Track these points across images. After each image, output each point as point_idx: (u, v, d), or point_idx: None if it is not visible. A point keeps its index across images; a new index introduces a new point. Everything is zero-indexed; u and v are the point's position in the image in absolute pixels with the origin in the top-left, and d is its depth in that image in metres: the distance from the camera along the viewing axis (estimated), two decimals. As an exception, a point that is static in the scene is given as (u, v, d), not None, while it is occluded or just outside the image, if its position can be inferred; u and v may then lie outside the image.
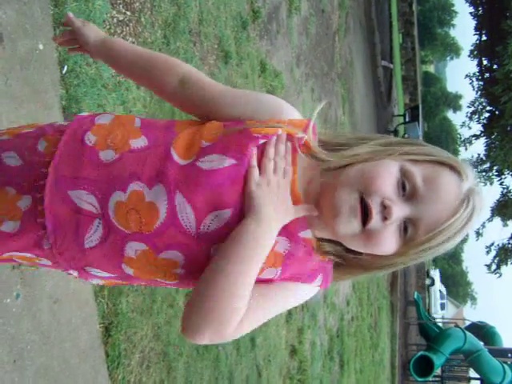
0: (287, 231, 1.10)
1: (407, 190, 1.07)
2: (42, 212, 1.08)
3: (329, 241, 1.16)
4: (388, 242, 1.07)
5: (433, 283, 36.20)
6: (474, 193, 1.08)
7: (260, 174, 1.06)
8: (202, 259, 1.07)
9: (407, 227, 1.07)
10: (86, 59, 2.81)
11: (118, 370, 2.90)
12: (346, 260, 1.17)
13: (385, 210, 1.04)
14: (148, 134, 1.14)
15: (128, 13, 3.28)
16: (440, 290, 37.77)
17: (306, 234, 1.12)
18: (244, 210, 1.06)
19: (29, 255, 1.15)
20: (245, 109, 1.15)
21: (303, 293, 1.18)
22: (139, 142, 1.11)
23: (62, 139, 1.13)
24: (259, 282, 1.09)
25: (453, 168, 1.09)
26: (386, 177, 1.06)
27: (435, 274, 39.03)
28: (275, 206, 1.06)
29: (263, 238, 1.04)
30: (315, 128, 1.16)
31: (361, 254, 1.15)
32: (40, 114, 2.51)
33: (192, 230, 1.05)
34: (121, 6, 3.23)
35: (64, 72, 2.68)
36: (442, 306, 37.76)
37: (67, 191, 1.08)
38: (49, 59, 2.63)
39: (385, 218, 1.04)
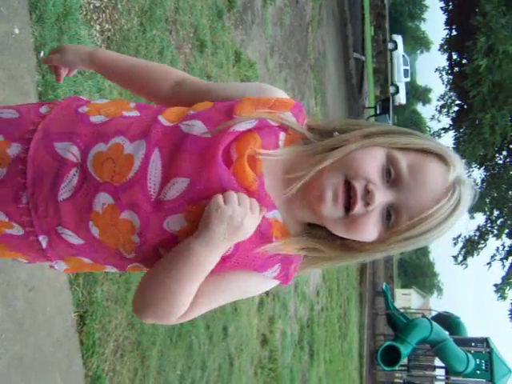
0: None
1: (392, 176, 1.07)
2: (25, 160, 1.10)
3: (311, 225, 1.16)
4: (370, 229, 1.07)
5: (395, 47, 32.80)
6: (460, 183, 1.08)
7: (225, 202, 1.03)
8: (154, 234, 1.08)
9: (390, 214, 1.07)
10: (63, 45, 2.78)
11: (92, 359, 2.89)
12: (324, 245, 1.15)
13: (367, 195, 1.04)
14: (141, 110, 1.18)
15: (105, -1, 3.24)
16: (403, 55, 34.35)
17: (273, 214, 1.11)
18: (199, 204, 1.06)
19: (3, 217, 1.13)
20: (235, 94, 1.19)
21: (258, 281, 1.16)
22: (131, 113, 1.16)
23: (57, 106, 1.20)
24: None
25: (440, 157, 1.08)
26: (372, 161, 1.07)
27: (398, 38, 34.57)
28: (229, 234, 1.04)
29: (206, 260, 1.05)
30: (303, 109, 1.18)
31: (342, 239, 1.14)
32: (16, 100, 2.48)
33: (153, 193, 1.06)
34: (97, -9, 3.19)
35: (40, 57, 2.64)
36: (406, 73, 34.39)
37: (53, 143, 1.11)
38: (25, 44, 2.59)
39: (367, 204, 1.05)
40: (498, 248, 14.61)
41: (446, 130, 14.52)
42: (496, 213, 14.68)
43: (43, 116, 1.17)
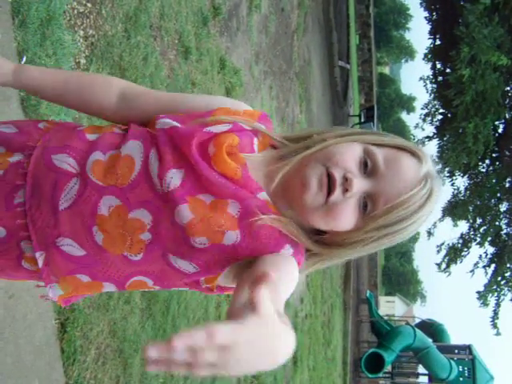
0: (238, 195, 1.10)
1: (369, 167, 1.13)
2: (25, 167, 1.12)
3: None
4: (347, 216, 1.11)
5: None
6: (432, 176, 1.14)
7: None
8: (166, 228, 1.09)
9: (367, 204, 1.12)
10: (46, 50, 2.76)
11: (73, 367, 2.86)
12: (305, 237, 1.16)
13: (346, 182, 1.09)
14: (132, 128, 1.19)
15: (89, 4, 3.23)
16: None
17: (263, 195, 1.14)
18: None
19: None
20: (199, 106, 1.21)
21: (285, 259, 1.11)
22: (122, 131, 1.20)
23: (56, 126, 1.23)
24: (213, 269, 1.10)
25: (413, 153, 1.16)
26: (350, 154, 1.13)
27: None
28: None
29: None
30: (269, 119, 1.23)
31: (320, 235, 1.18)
32: (-2, 105, 2.46)
33: (157, 186, 1.09)
34: (81, -3, 3.18)
35: (23, 62, 2.62)
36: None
37: (51, 155, 1.12)
38: (7, 49, 2.57)
39: (346, 190, 1.09)
40: (480, 256, 14.71)
41: (429, 138, 14.62)
42: (479, 221, 14.77)
43: (42, 131, 1.18)
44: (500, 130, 13.57)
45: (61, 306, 1.23)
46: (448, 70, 13.33)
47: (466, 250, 14.84)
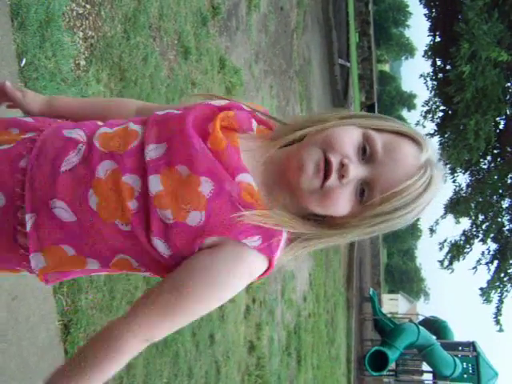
0: (214, 173, 1.08)
1: (367, 153, 1.11)
2: (34, 141, 1.17)
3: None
4: (342, 202, 1.10)
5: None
6: (432, 164, 1.12)
7: None
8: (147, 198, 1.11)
9: (364, 190, 1.11)
10: (45, 52, 2.76)
11: (77, 368, 2.86)
12: (298, 221, 1.14)
13: (342, 168, 1.07)
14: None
15: (88, 6, 3.23)
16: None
17: (245, 177, 1.11)
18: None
19: None
20: None
21: (235, 254, 1.08)
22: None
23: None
24: (185, 254, 1.10)
25: (414, 139, 1.14)
26: (348, 138, 1.11)
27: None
28: None
29: None
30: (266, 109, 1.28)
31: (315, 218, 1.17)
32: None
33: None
34: (80, -2, 3.18)
35: (22, 65, 2.62)
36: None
37: (62, 130, 1.19)
38: (6, 51, 2.57)
39: (342, 176, 1.08)
40: (483, 252, 14.69)
41: (430, 135, 14.58)
42: (481, 217, 14.75)
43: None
44: (501, 126, 13.55)
45: (41, 281, 1.21)
46: (448, 67, 13.33)
47: (468, 246, 14.83)
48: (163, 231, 1.08)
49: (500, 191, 14.17)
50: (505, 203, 14.49)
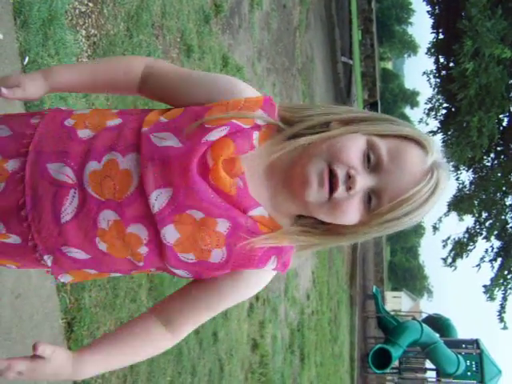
0: (228, 214, 1.10)
1: (372, 161, 1.10)
2: (23, 177, 1.11)
3: (299, 216, 1.19)
4: (352, 212, 1.10)
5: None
6: (438, 167, 1.12)
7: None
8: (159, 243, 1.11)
9: (371, 198, 1.11)
10: (48, 50, 2.76)
11: (80, 366, 2.86)
12: (309, 232, 1.18)
13: (349, 180, 1.07)
14: (123, 116, 1.19)
15: (90, 4, 3.22)
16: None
17: (258, 211, 1.13)
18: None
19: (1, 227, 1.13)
20: (199, 92, 1.19)
21: (257, 279, 1.19)
22: (114, 121, 1.16)
23: (44, 119, 1.19)
24: (205, 276, 1.17)
25: (419, 143, 1.12)
26: (353, 148, 1.10)
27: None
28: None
29: None
30: (273, 102, 1.18)
31: (325, 225, 1.18)
32: (0, 106, 2.46)
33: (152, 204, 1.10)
34: (83, -4, 3.18)
35: (25, 63, 2.62)
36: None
37: (46, 164, 1.11)
38: (9, 49, 2.57)
39: (349, 188, 1.07)
40: (486, 250, 14.68)
41: (434, 132, 14.54)
42: (484, 215, 14.73)
43: (35, 126, 1.17)
44: (504, 124, 13.51)
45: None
46: (451, 64, 13.29)
47: (471, 244, 14.81)
48: (183, 266, 1.15)
49: (503, 188, 14.14)
50: (508, 200, 14.46)
